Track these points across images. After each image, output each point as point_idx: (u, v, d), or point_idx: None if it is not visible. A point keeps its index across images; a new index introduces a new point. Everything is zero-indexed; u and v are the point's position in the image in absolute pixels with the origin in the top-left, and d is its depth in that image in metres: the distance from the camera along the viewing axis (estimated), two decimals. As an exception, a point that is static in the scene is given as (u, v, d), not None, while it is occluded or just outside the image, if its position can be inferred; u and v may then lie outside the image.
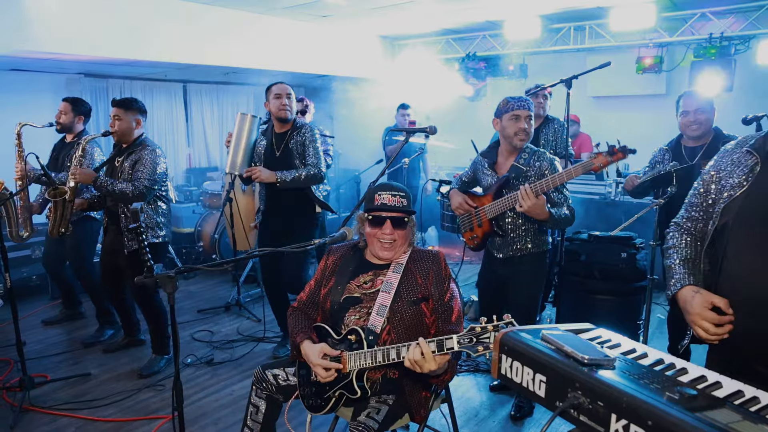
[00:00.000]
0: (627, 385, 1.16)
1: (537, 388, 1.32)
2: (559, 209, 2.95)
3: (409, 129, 3.40)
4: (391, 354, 2.01)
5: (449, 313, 2.23)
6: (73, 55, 5.00)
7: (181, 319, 4.83)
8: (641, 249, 4.04)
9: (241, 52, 6.04)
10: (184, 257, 6.35)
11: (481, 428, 3.14)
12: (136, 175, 3.65)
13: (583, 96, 6.62)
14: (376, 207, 2.23)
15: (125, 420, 3.23)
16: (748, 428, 1.01)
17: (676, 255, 1.80)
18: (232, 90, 8.30)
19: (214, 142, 8.19)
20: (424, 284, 2.23)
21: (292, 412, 2.98)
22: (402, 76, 7.75)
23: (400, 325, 2.18)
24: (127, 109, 3.73)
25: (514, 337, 1.42)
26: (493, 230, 3.18)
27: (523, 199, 2.77)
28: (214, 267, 2.15)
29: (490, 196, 3.15)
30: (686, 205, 1.86)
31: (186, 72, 6.79)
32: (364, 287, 2.28)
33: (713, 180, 1.72)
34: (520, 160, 3.05)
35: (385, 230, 2.22)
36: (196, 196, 6.89)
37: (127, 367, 3.91)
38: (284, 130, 3.87)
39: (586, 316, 1.74)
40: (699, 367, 1.32)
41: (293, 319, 2.36)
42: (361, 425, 2.01)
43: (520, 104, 3.03)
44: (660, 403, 1.08)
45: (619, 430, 1.11)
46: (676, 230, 1.88)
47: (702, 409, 1.06)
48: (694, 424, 1.00)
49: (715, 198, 1.70)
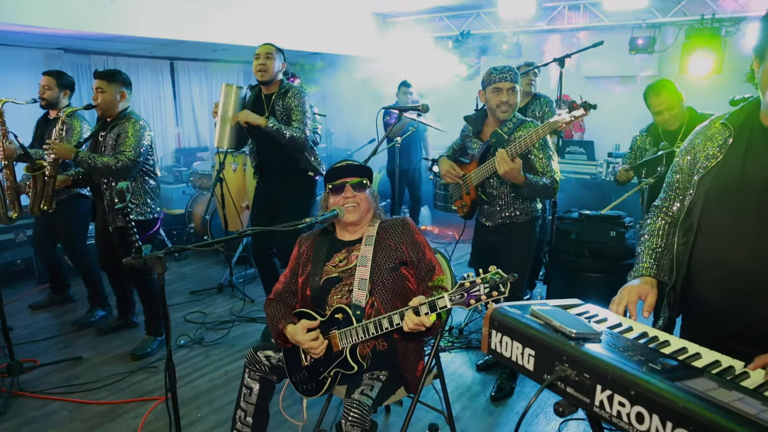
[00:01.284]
0: (612, 357, 1.19)
1: (526, 362, 1.35)
2: (539, 178, 2.97)
3: (402, 107, 3.39)
4: (384, 323, 2.05)
5: (431, 273, 2.29)
6: (50, 29, 4.79)
7: (173, 300, 4.83)
8: (630, 228, 4.09)
9: (230, 28, 5.92)
10: (175, 239, 6.33)
11: (473, 403, 3.19)
12: (118, 148, 3.54)
13: (577, 76, 6.61)
14: (335, 176, 2.34)
15: (119, 402, 3.23)
16: (723, 395, 1.05)
17: (646, 244, 1.82)
18: (222, 67, 8.16)
19: (204, 121, 8.06)
20: (398, 248, 2.28)
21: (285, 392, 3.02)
22: (395, 54, 7.69)
23: (383, 293, 2.22)
24: (110, 81, 3.62)
25: (503, 312, 1.45)
26: (479, 197, 3.20)
27: (499, 163, 2.81)
28: (205, 247, 2.15)
29: (475, 163, 3.17)
30: (665, 186, 1.87)
31: (173, 49, 6.66)
32: (340, 266, 2.31)
33: (688, 156, 1.72)
34: (504, 128, 3.05)
35: (346, 194, 2.30)
36: (186, 177, 6.83)
37: (120, 349, 3.90)
38: (270, 92, 3.75)
39: (576, 294, 1.77)
40: (681, 339, 1.36)
41: (271, 310, 2.36)
42: (355, 402, 2.03)
43: (502, 76, 2.99)
44: (642, 373, 1.11)
45: (603, 400, 1.15)
46: (653, 214, 1.89)
47: (682, 378, 1.10)
48: (674, 392, 1.04)
49: (690, 173, 1.70)
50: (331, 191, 2.34)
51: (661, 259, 1.77)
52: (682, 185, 1.76)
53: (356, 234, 2.37)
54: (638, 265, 1.78)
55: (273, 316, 2.32)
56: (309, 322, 2.20)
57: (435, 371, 2.49)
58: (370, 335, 2.09)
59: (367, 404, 2.04)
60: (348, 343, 2.16)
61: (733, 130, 1.60)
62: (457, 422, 2.85)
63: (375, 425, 2.07)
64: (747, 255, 1.50)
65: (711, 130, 1.68)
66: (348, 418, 1.99)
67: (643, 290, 1.66)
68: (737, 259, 1.52)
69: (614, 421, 1.13)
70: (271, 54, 3.68)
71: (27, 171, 3.66)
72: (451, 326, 4.09)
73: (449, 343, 3.90)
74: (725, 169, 1.58)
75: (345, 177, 2.34)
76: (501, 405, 3.18)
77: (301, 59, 8.03)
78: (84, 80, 6.67)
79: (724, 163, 1.59)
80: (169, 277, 5.45)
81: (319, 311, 2.28)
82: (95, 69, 6.44)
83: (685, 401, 1.01)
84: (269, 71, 3.67)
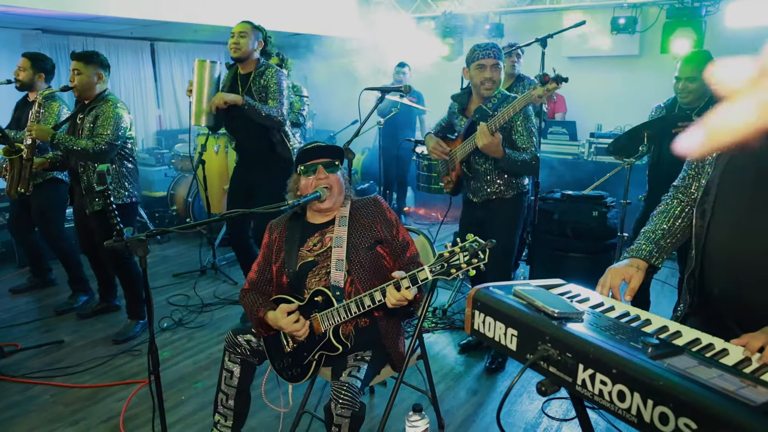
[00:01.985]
0: (594, 336, 1.20)
1: (509, 342, 1.36)
2: (518, 153, 2.99)
3: (382, 87, 3.38)
4: (366, 301, 2.05)
5: (406, 250, 2.30)
6: (27, 9, 4.67)
7: (156, 283, 4.79)
8: (612, 208, 4.13)
9: (212, 8, 5.82)
10: (157, 221, 6.26)
11: (457, 384, 3.22)
12: (96, 131, 3.48)
13: (559, 56, 6.60)
14: (305, 156, 2.30)
15: (102, 386, 3.21)
16: (703, 372, 1.06)
17: (649, 225, 1.79)
18: (203, 49, 8.04)
19: (185, 102, 7.94)
20: (372, 227, 2.28)
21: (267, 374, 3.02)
22: (377, 35, 7.60)
23: (361, 272, 2.22)
24: (87, 63, 3.55)
25: (486, 293, 1.45)
26: (464, 172, 3.22)
27: (479, 137, 2.85)
28: (187, 229, 2.13)
29: (460, 139, 3.19)
30: (684, 165, 1.81)
31: (153, 29, 6.53)
32: (315, 249, 2.29)
33: None
34: (488, 104, 3.05)
35: (319, 176, 2.26)
36: (167, 159, 6.73)
37: (102, 333, 3.87)
38: (247, 72, 3.70)
39: (559, 274, 1.78)
40: (662, 318, 1.38)
41: (248, 300, 2.33)
42: (345, 385, 2.03)
43: (486, 53, 3.00)
44: (624, 352, 1.12)
45: (585, 379, 1.16)
46: (670, 195, 1.84)
47: (662, 356, 1.11)
48: (655, 370, 1.06)
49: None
50: (302, 173, 2.30)
51: (660, 242, 1.73)
52: (700, 162, 1.70)
53: (328, 216, 2.35)
54: (634, 244, 1.76)
55: (251, 306, 2.29)
56: (287, 305, 2.18)
57: (419, 352, 2.50)
58: (353, 314, 2.09)
59: (356, 386, 2.05)
60: (330, 325, 2.16)
61: None
62: (440, 402, 2.88)
63: (364, 407, 2.08)
64: (752, 241, 1.46)
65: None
66: (339, 401, 1.99)
67: (628, 273, 1.65)
68: (742, 245, 1.48)
69: (596, 399, 1.14)
70: (245, 32, 3.62)
71: (4, 154, 3.59)
72: (435, 307, 4.12)
73: (433, 324, 3.93)
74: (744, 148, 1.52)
75: (316, 158, 2.29)
76: (484, 385, 3.22)
77: (282, 39, 7.92)
78: (63, 61, 6.54)
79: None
80: (151, 260, 5.41)
81: (297, 296, 2.26)
82: (73, 50, 6.33)
83: (665, 379, 1.02)
84: (241, 49, 3.62)
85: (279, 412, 2.55)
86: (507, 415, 2.90)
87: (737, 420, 0.92)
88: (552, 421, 2.86)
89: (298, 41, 7.77)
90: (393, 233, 2.30)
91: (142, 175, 6.21)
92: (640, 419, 1.05)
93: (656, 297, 3.80)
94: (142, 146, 7.45)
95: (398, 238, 2.30)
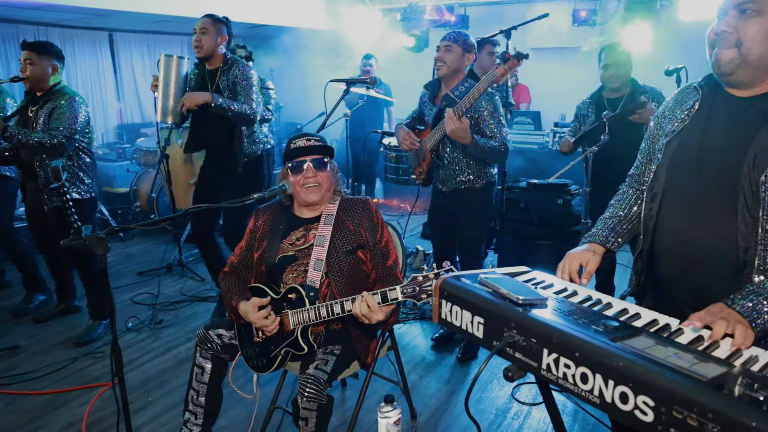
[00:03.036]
0: (557, 321, 1.23)
1: (476, 329, 1.37)
2: (486, 140, 3.05)
3: (349, 79, 3.37)
4: (336, 308, 2.04)
5: (386, 258, 2.28)
6: None
7: (120, 282, 4.67)
8: (576, 195, 4.21)
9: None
10: (120, 218, 6.11)
11: (428, 373, 3.25)
12: (53, 124, 3.38)
13: (523, 47, 6.62)
14: (294, 153, 2.25)
15: (62, 391, 3.09)
16: (660, 351, 1.10)
17: (607, 211, 1.84)
18: (165, 40, 7.85)
19: (147, 96, 7.73)
20: (357, 231, 2.26)
21: (238, 371, 2.99)
22: (343, 27, 7.56)
23: (338, 276, 2.21)
24: (40, 53, 3.43)
25: (453, 282, 1.46)
26: (433, 160, 3.24)
27: (447, 122, 2.88)
28: (150, 225, 2.07)
29: (429, 128, 3.21)
30: (638, 155, 1.85)
31: (111, 19, 6.34)
32: (297, 244, 2.28)
33: (660, 120, 1.70)
34: (456, 92, 3.09)
35: (307, 174, 2.22)
36: (129, 154, 6.58)
37: (62, 336, 3.73)
38: (214, 68, 3.65)
39: (527, 261, 1.81)
40: (622, 301, 1.41)
41: (226, 284, 2.33)
42: (311, 377, 2.03)
43: (443, 36, 3.20)
44: (586, 335, 1.15)
45: (550, 363, 1.18)
46: (627, 183, 1.89)
47: (622, 338, 1.14)
48: (615, 351, 1.09)
49: (658, 138, 1.69)
50: (291, 170, 2.25)
51: (616, 228, 1.77)
52: (651, 149, 1.74)
53: (315, 212, 2.32)
54: (592, 230, 1.81)
55: (227, 291, 2.29)
56: (260, 300, 2.17)
57: (389, 343, 2.51)
58: (321, 319, 2.09)
59: (323, 378, 2.05)
60: (299, 324, 2.15)
61: (701, 94, 1.57)
62: (412, 392, 2.90)
63: (331, 399, 2.07)
64: (698, 224, 1.50)
65: (684, 92, 1.66)
66: (304, 394, 1.99)
67: (585, 257, 1.68)
68: (689, 228, 1.53)
69: (560, 382, 1.16)
70: (205, 29, 3.56)
71: None
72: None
73: (403, 315, 3.95)
74: (689, 135, 1.56)
75: (305, 155, 2.25)
76: (456, 374, 3.25)
77: (247, 31, 7.81)
78: (12, 52, 6.29)
79: (689, 128, 1.57)
80: (115, 258, 5.29)
81: (273, 287, 2.25)
82: (23, 39, 6.10)
83: (624, 359, 1.05)
84: (204, 47, 3.57)
85: (250, 407, 2.52)
86: (478, 402, 2.94)
87: (690, 394, 0.95)
88: (522, 406, 2.91)
89: (263, 33, 7.67)
90: (377, 238, 2.28)
91: (103, 171, 6.10)
92: (602, 400, 1.08)
93: (619, 281, 3.89)
94: (102, 141, 7.26)
95: (380, 245, 2.28)
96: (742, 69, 1.39)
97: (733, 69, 1.40)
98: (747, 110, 1.45)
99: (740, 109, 1.47)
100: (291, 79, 7.48)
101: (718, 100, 1.53)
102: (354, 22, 7.42)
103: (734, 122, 1.47)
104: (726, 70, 1.41)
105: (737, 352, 1.16)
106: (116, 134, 7.45)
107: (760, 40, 1.35)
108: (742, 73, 1.40)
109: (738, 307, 1.30)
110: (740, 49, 1.37)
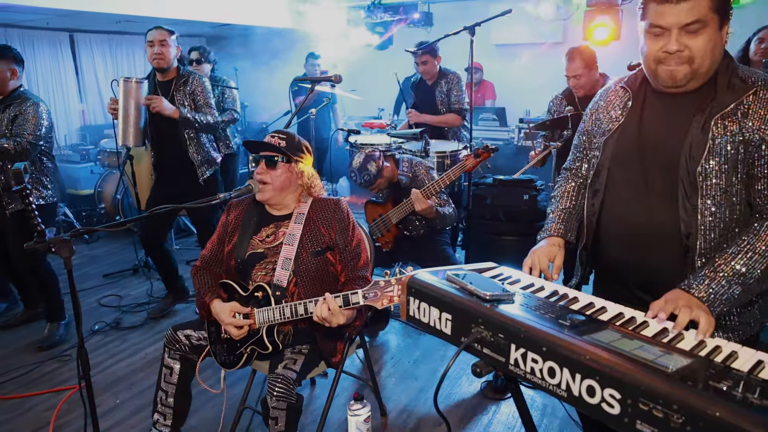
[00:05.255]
0: (524, 316, 1.24)
1: (443, 326, 1.38)
2: (443, 208, 3.36)
3: (314, 78, 3.37)
4: (299, 309, 2.03)
5: (357, 260, 2.27)
6: None
7: (85, 285, 4.57)
8: (542, 191, 4.27)
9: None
10: (84, 221, 5.95)
11: (397, 370, 3.26)
12: (17, 130, 3.31)
13: (487, 44, 6.73)
14: (251, 148, 2.30)
15: (27, 395, 3.03)
16: (626, 344, 1.13)
17: (556, 205, 1.89)
18: (127, 40, 7.67)
19: (110, 96, 7.57)
20: (327, 234, 2.24)
21: (208, 372, 2.96)
22: (307, 25, 7.51)
23: (305, 276, 2.20)
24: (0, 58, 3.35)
25: (420, 279, 1.47)
26: (403, 234, 3.52)
27: (416, 203, 3.21)
28: (115, 227, 2.04)
29: (390, 204, 3.51)
30: (572, 149, 1.94)
31: (72, 20, 6.15)
32: (267, 242, 2.26)
33: (592, 119, 1.79)
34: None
35: (259, 170, 2.22)
36: (93, 155, 6.40)
37: (27, 340, 3.65)
38: (168, 79, 3.66)
39: (494, 257, 1.82)
40: (588, 295, 1.44)
41: (198, 279, 2.31)
42: (279, 377, 2.03)
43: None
44: (553, 330, 1.17)
45: (518, 358, 1.20)
46: (564, 177, 1.96)
47: (588, 332, 1.17)
48: (582, 345, 1.11)
49: (595, 135, 1.77)
50: (254, 163, 2.26)
51: (569, 220, 1.84)
52: (588, 146, 1.83)
53: (284, 210, 2.31)
54: (547, 225, 1.85)
55: (199, 287, 2.28)
56: (240, 307, 2.15)
57: (358, 341, 2.52)
58: (285, 319, 2.08)
59: (292, 378, 2.04)
60: (265, 323, 2.13)
61: (631, 93, 1.66)
62: (382, 390, 2.91)
63: (301, 398, 2.07)
64: (645, 214, 1.59)
65: (613, 92, 1.74)
66: (273, 393, 1.98)
67: (551, 252, 1.73)
68: (637, 218, 1.60)
69: (528, 377, 1.18)
70: (165, 40, 3.56)
71: None
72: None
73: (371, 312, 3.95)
74: (626, 132, 1.64)
75: (261, 150, 2.25)
76: (425, 370, 3.27)
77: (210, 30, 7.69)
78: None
79: (625, 126, 1.65)
80: (80, 260, 5.17)
81: (242, 284, 2.23)
82: (-19, 43, 5.90)
83: (591, 353, 1.07)
84: (166, 58, 3.59)
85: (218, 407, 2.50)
86: (447, 398, 2.97)
87: (655, 386, 0.98)
88: (491, 401, 2.95)
89: (227, 32, 7.57)
90: (347, 239, 2.25)
91: (66, 173, 5.93)
92: (570, 393, 1.10)
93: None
94: (65, 142, 7.05)
95: (350, 246, 2.26)
96: (694, 80, 1.48)
97: (686, 82, 1.48)
98: (682, 104, 1.53)
99: (674, 103, 1.55)
100: (255, 78, 7.40)
101: (649, 97, 1.63)
102: (318, 19, 7.37)
103: (669, 115, 1.56)
104: (680, 83, 1.49)
105: (701, 343, 1.20)
106: (79, 136, 7.24)
107: (709, 52, 1.43)
108: (693, 83, 1.49)
109: (696, 293, 1.37)
110: (692, 65, 1.44)
